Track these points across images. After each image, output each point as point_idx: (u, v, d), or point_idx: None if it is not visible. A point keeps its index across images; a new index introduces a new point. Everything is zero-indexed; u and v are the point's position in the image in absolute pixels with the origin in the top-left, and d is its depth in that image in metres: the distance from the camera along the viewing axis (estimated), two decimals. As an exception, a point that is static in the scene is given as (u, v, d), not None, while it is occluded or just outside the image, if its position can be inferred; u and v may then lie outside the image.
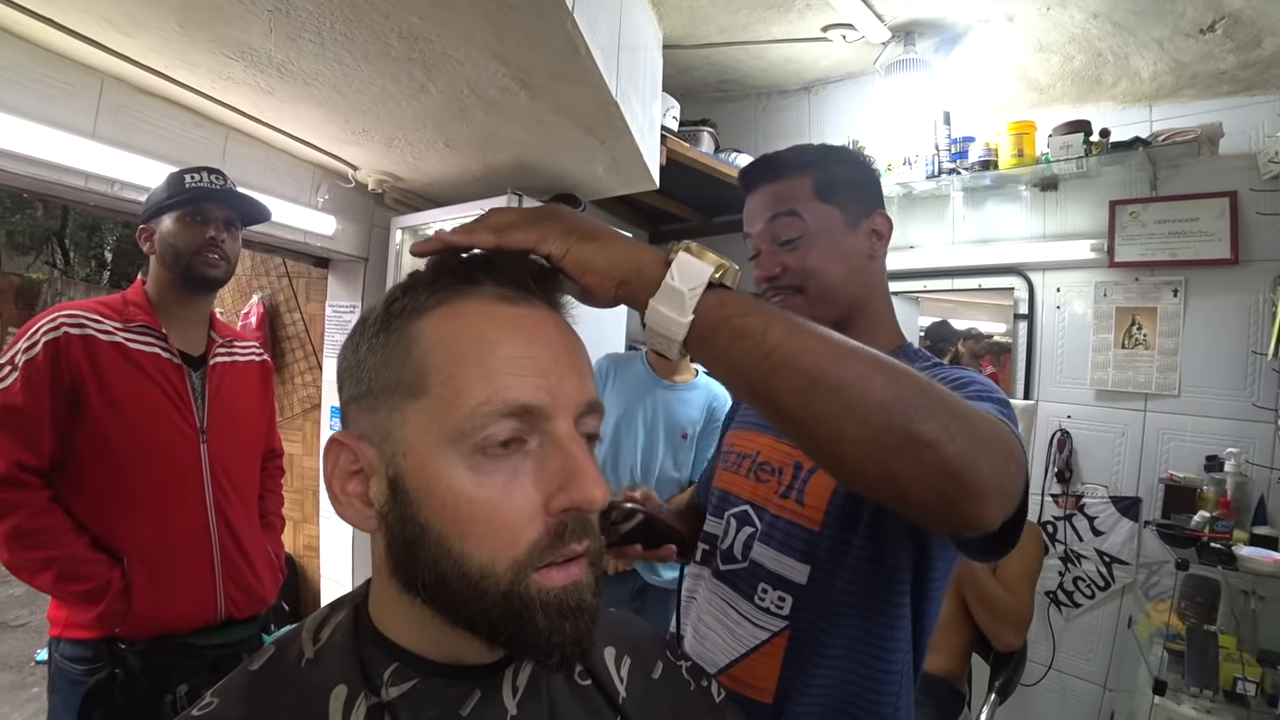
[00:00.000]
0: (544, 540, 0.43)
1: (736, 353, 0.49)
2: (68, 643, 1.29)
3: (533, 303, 0.49)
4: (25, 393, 1.23)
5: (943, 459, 0.46)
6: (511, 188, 2.13)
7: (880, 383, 0.46)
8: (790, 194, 0.87)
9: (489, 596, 0.42)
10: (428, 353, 0.44)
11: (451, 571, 0.42)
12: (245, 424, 1.52)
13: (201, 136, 1.90)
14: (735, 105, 3.12)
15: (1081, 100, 2.34)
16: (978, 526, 0.50)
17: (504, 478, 0.43)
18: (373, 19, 1.33)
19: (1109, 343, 2.27)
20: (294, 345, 3.07)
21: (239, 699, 0.45)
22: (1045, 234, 2.42)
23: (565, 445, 0.44)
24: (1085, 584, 2.29)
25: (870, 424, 0.46)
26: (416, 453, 0.43)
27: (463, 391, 0.43)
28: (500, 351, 0.44)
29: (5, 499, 1.21)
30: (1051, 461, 2.35)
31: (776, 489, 0.87)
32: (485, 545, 0.42)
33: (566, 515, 0.44)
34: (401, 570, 0.45)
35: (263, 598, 1.49)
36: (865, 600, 0.80)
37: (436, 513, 0.43)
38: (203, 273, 1.40)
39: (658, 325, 0.51)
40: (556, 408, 0.44)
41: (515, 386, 0.43)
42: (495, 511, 0.42)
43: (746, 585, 0.87)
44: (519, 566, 0.42)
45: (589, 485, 0.43)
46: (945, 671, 1.70)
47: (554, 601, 0.43)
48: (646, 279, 0.51)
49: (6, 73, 1.48)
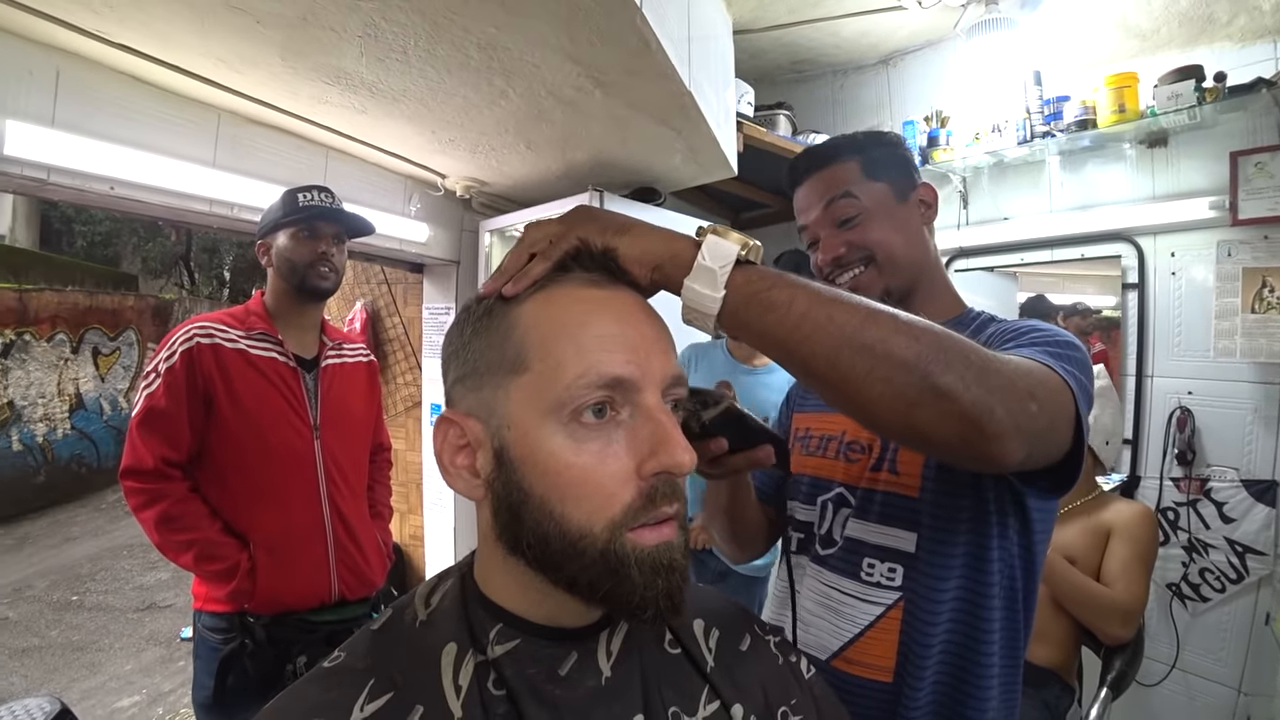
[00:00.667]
0: (637, 503, 0.47)
1: (768, 323, 0.54)
2: (207, 614, 1.45)
3: (619, 286, 0.53)
4: (167, 396, 1.39)
5: (960, 407, 0.52)
6: (592, 184, 2.18)
7: (901, 343, 0.52)
8: (841, 178, 0.91)
9: (587, 555, 0.46)
10: (527, 334, 0.49)
11: (553, 532, 0.47)
12: (355, 420, 1.65)
13: (305, 157, 2.05)
14: (810, 85, 3.06)
15: (1191, 43, 2.13)
16: (999, 464, 0.56)
17: (599, 445, 0.47)
18: (453, 34, 1.40)
19: (1235, 308, 2.05)
20: (395, 347, 3.27)
21: (363, 653, 0.50)
22: (1155, 194, 2.22)
23: (654, 414, 0.48)
24: (1214, 576, 2.09)
25: (893, 382, 0.51)
26: (519, 424, 0.48)
27: (560, 367, 0.47)
28: (592, 330, 0.48)
29: (154, 488, 1.38)
30: (1171, 442, 2.17)
31: (867, 465, 0.88)
32: (583, 507, 0.46)
33: (657, 479, 0.47)
34: (507, 534, 0.49)
35: (372, 581, 1.61)
36: (970, 560, 0.80)
37: (539, 478, 0.47)
38: (315, 284, 1.53)
39: (693, 302, 0.56)
40: (645, 380, 0.48)
41: (607, 361, 0.47)
42: (592, 476, 0.46)
43: (849, 564, 0.87)
44: (614, 526, 0.46)
45: (677, 450, 0.47)
46: (1051, 663, 1.61)
47: (647, 559, 0.47)
48: (680, 261, 0.55)
49: (139, 115, 1.66)
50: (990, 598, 0.80)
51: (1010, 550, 0.81)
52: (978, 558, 0.80)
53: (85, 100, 1.57)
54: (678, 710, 0.53)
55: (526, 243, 0.56)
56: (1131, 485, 2.25)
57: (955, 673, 0.80)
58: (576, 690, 0.50)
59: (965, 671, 0.79)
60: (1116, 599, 1.55)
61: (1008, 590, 0.81)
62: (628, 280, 0.55)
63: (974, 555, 0.80)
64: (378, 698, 0.46)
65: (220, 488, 1.45)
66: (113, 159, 1.59)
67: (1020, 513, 0.80)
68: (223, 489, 1.45)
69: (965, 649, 0.80)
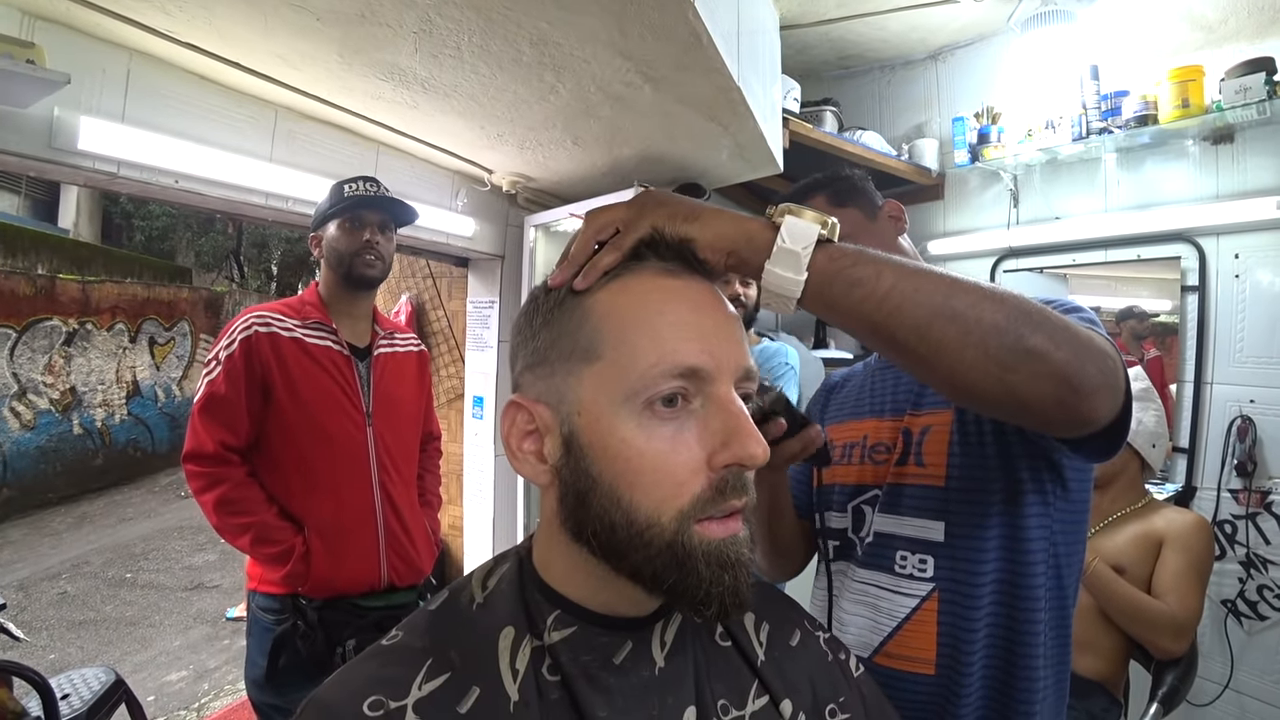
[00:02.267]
0: (706, 494, 0.46)
1: (854, 300, 0.54)
2: (262, 595, 1.49)
3: (693, 275, 0.53)
4: (227, 383, 1.44)
5: (1054, 367, 0.52)
6: (638, 180, 2.19)
7: (990, 309, 0.52)
8: None
9: (654, 545, 0.46)
10: (601, 322, 0.49)
11: (620, 520, 0.46)
12: (406, 409, 1.68)
13: (356, 152, 2.11)
14: (857, 81, 3.02)
15: (1262, 34, 2.05)
16: (1093, 421, 0.57)
17: (671, 433, 0.47)
18: (506, 29, 1.42)
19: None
20: (439, 340, 3.33)
21: (420, 633, 0.51)
22: (1219, 193, 2.14)
23: (727, 405, 0.48)
24: (1273, 594, 2.01)
25: (987, 346, 0.52)
26: (591, 410, 0.48)
27: (635, 355, 0.47)
28: (667, 319, 0.48)
29: (214, 472, 1.43)
30: (1230, 453, 2.08)
31: (893, 461, 0.88)
32: (652, 495, 0.46)
33: (728, 471, 0.47)
34: (572, 520, 0.49)
35: (420, 569, 1.63)
36: (1006, 542, 0.79)
37: (608, 465, 0.47)
38: (362, 273, 1.56)
39: (775, 286, 0.55)
40: (719, 370, 0.48)
41: (682, 350, 0.47)
42: (663, 463, 0.46)
43: (882, 558, 0.86)
44: (682, 517, 0.46)
45: (750, 442, 0.46)
46: (1099, 675, 1.55)
47: (715, 552, 0.46)
48: (757, 245, 0.55)
49: (203, 111, 1.73)
50: (1033, 576, 0.78)
51: (1051, 521, 0.80)
52: (1014, 538, 0.79)
53: (153, 97, 1.63)
54: (727, 703, 0.53)
55: (592, 229, 0.55)
56: (1187, 495, 2.17)
57: (1003, 662, 0.79)
58: (630, 679, 0.50)
59: (1013, 656, 0.78)
60: (1169, 612, 1.50)
61: (1053, 565, 0.80)
62: (701, 268, 0.54)
63: (1010, 536, 0.79)
64: (435, 677, 0.47)
65: (276, 473, 1.49)
66: (178, 154, 1.66)
67: (1058, 479, 0.79)
68: (279, 474, 1.49)
69: (1012, 634, 0.79)
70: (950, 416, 0.83)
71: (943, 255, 2.86)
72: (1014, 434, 0.79)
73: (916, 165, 2.75)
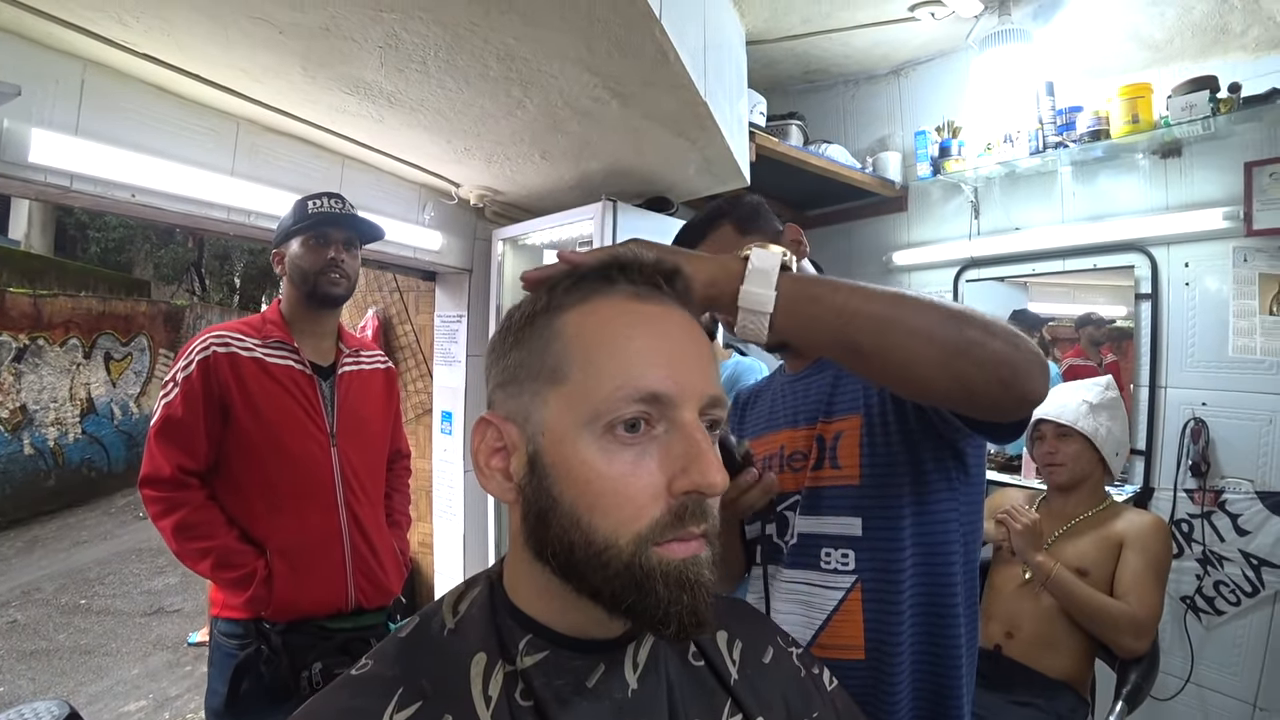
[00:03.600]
0: (665, 519, 0.46)
1: (816, 314, 0.64)
2: (224, 621, 1.45)
3: (664, 300, 0.53)
4: (184, 406, 1.40)
5: (991, 353, 0.61)
6: (605, 194, 2.19)
7: (930, 311, 0.62)
8: (725, 242, 0.99)
9: (611, 566, 0.46)
10: (569, 344, 0.49)
11: (579, 540, 0.47)
12: (372, 428, 1.65)
13: (321, 166, 2.07)
14: (822, 95, 3.07)
15: (1205, 54, 2.14)
16: (1034, 398, 0.64)
17: (632, 457, 0.47)
18: (472, 44, 1.42)
19: (1254, 308, 2.04)
20: (406, 355, 3.28)
21: (391, 661, 0.50)
22: (1169, 205, 2.22)
23: (689, 432, 0.48)
24: (1229, 589, 2.08)
25: (933, 343, 0.61)
26: (555, 431, 0.48)
27: (599, 378, 0.47)
28: (634, 344, 0.49)
29: (172, 497, 1.39)
30: (1185, 454, 2.15)
31: (810, 466, 0.94)
32: (611, 518, 0.46)
33: (687, 497, 0.47)
34: (534, 539, 0.49)
35: (389, 589, 1.60)
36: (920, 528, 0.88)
37: (569, 486, 0.47)
38: (326, 290, 1.53)
39: (751, 303, 0.63)
40: (682, 397, 0.48)
41: (647, 375, 0.47)
42: (622, 487, 0.46)
43: (808, 557, 0.92)
44: (640, 540, 0.46)
45: (710, 470, 0.46)
46: (1065, 675, 1.59)
47: (674, 573, 0.46)
48: (731, 271, 0.64)
49: (161, 124, 1.69)
50: (950, 555, 0.88)
51: (958, 504, 0.89)
52: (927, 522, 0.88)
53: (109, 109, 1.59)
54: None
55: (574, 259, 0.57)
56: (1145, 497, 2.24)
57: (928, 637, 0.87)
58: (603, 702, 0.50)
59: (938, 631, 0.87)
60: (1130, 611, 1.54)
61: (962, 542, 0.89)
62: (675, 292, 0.55)
63: (923, 521, 0.88)
64: (407, 706, 0.46)
65: (237, 495, 1.45)
66: (134, 167, 1.61)
67: (961, 465, 0.89)
68: (240, 497, 1.45)
69: (934, 611, 0.87)
70: (860, 420, 0.90)
71: (907, 265, 2.92)
72: (919, 429, 0.87)
73: (880, 178, 2.80)
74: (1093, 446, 1.70)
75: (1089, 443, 1.70)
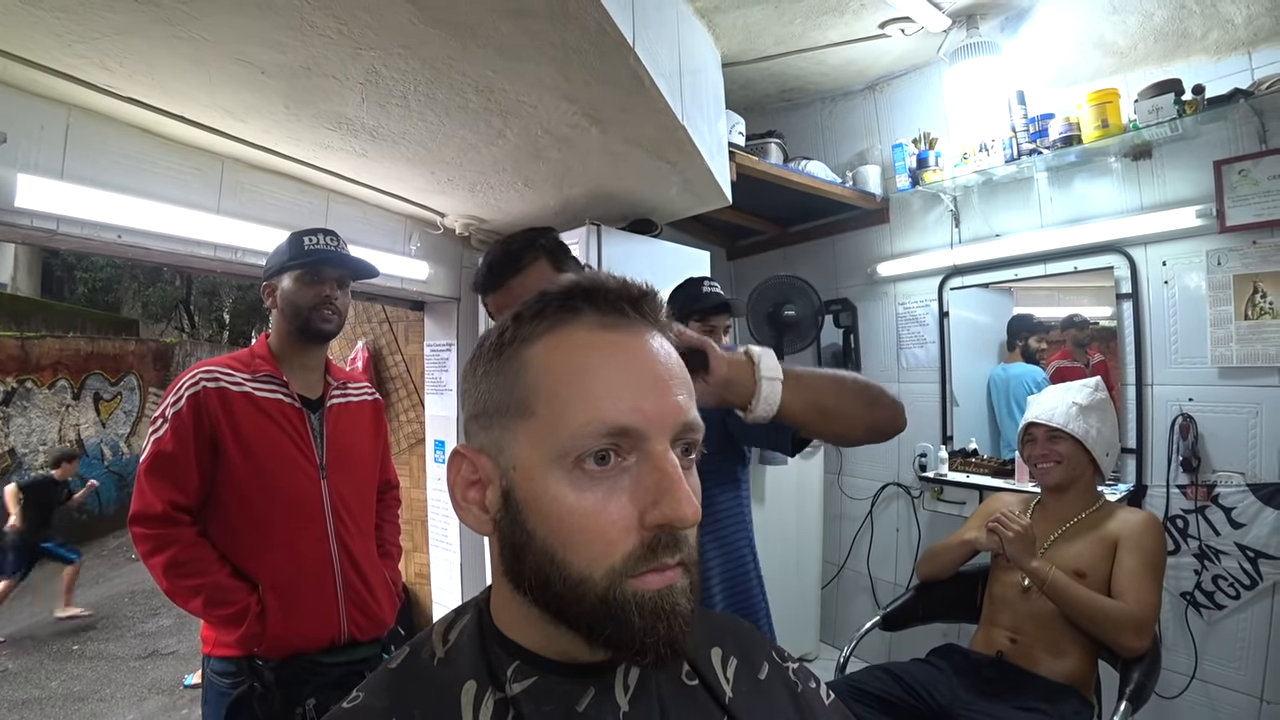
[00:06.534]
0: (639, 551, 0.46)
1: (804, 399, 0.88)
2: (216, 659, 1.42)
3: (633, 328, 0.51)
4: (175, 441, 1.39)
5: (889, 403, 0.95)
6: (589, 219, 2.21)
7: (852, 383, 0.94)
8: (538, 275, 1.14)
9: (586, 600, 0.46)
10: (536, 377, 0.48)
11: (554, 575, 0.46)
12: (361, 460, 1.64)
13: (306, 200, 2.09)
14: (800, 113, 3.13)
15: (1168, 58, 2.19)
16: (903, 427, 0.98)
17: (602, 492, 0.46)
18: (451, 78, 1.44)
19: (1229, 315, 2.08)
20: (397, 385, 3.27)
21: (382, 693, 0.50)
22: (1143, 205, 2.26)
23: (660, 464, 0.47)
24: (1227, 583, 2.08)
25: (862, 402, 0.94)
26: (525, 466, 0.48)
27: (565, 414, 0.46)
28: (599, 377, 0.47)
29: (162, 534, 1.37)
30: (1175, 450, 2.17)
31: None
32: (584, 553, 0.46)
33: (660, 530, 0.46)
34: (511, 572, 0.49)
35: (383, 621, 1.58)
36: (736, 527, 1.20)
37: (541, 521, 0.47)
38: (319, 327, 1.53)
39: (767, 407, 0.85)
40: (652, 428, 0.47)
41: (613, 410, 0.46)
42: (593, 522, 0.46)
43: None
44: (614, 574, 0.45)
45: (681, 504, 0.46)
46: (1069, 678, 1.58)
47: (649, 603, 0.46)
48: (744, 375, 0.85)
49: (146, 165, 1.70)
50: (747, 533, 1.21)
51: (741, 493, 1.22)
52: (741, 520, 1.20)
53: (94, 152, 1.60)
54: None
55: None
56: (1138, 494, 2.25)
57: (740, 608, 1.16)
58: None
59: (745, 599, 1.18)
60: (1128, 610, 1.53)
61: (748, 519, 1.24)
62: (644, 318, 0.52)
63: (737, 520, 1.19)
64: None
65: (228, 530, 1.43)
66: (120, 208, 1.62)
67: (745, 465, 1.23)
68: (230, 532, 1.43)
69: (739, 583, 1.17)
70: None
71: (892, 276, 2.96)
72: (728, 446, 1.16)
73: (861, 191, 2.85)
74: (1083, 448, 1.71)
75: (1079, 444, 1.71)
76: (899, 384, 3.01)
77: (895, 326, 3.01)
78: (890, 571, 3.03)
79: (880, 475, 3.05)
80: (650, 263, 2.31)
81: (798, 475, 2.93)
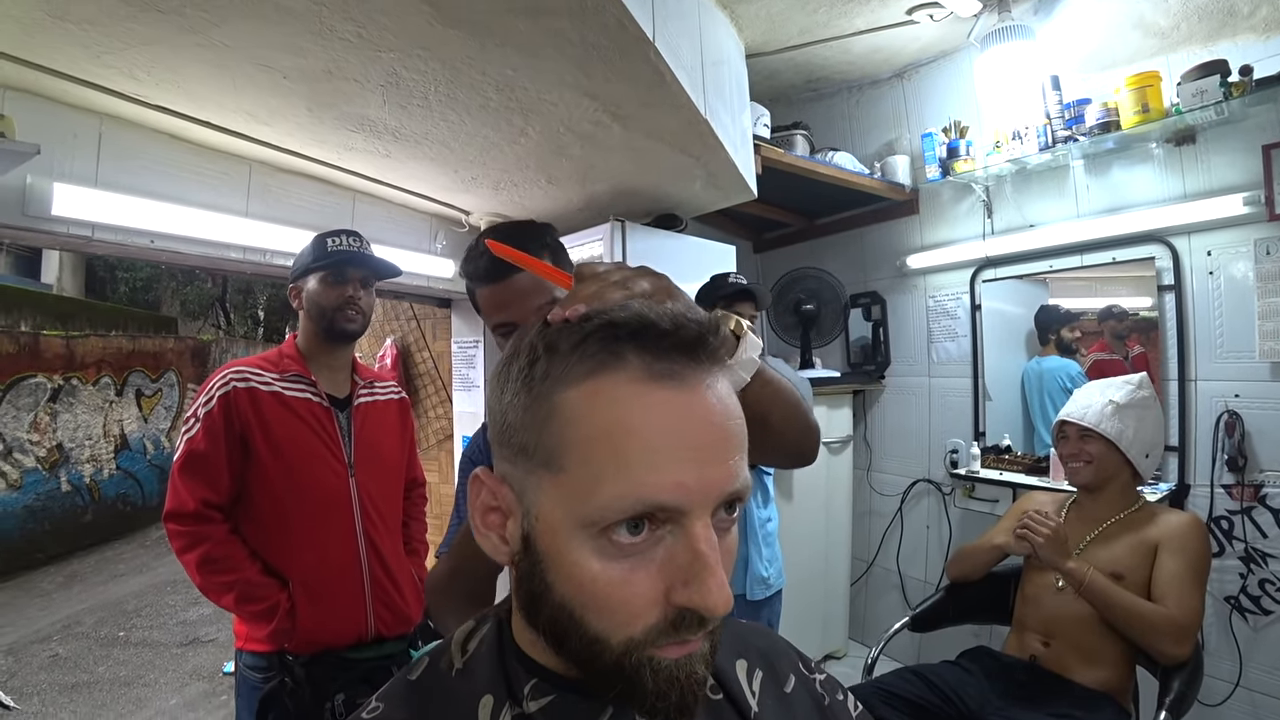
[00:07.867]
0: (661, 625, 0.43)
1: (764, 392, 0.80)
2: (248, 654, 1.46)
3: (685, 378, 0.44)
4: (207, 440, 1.42)
5: (814, 428, 0.95)
6: (613, 215, 2.19)
7: (801, 401, 0.88)
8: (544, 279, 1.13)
9: (601, 659, 0.44)
10: (566, 429, 0.44)
11: (571, 631, 0.44)
12: (388, 457, 1.66)
13: (332, 202, 2.11)
14: (826, 103, 3.07)
15: (1213, 38, 2.09)
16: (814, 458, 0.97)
17: (629, 565, 0.43)
18: (471, 77, 1.44)
19: (1278, 307, 1.99)
20: (425, 381, 3.31)
21: (400, 703, 0.50)
22: (1186, 193, 2.17)
23: (696, 544, 0.43)
24: (1275, 587, 2.00)
25: (796, 427, 0.89)
26: (548, 521, 0.45)
27: (598, 480, 0.42)
28: (639, 441, 0.42)
29: (196, 531, 1.41)
30: (1220, 448, 2.09)
31: None
32: (603, 620, 0.43)
33: (686, 610, 0.43)
34: (526, 611, 0.48)
35: (409, 617, 1.60)
36: None
37: (561, 581, 0.44)
38: (343, 327, 1.56)
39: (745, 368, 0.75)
40: (693, 503, 0.43)
41: (652, 484, 0.41)
42: (617, 594, 0.43)
43: None
44: (632, 644, 0.43)
45: (711, 592, 0.42)
46: (1105, 686, 1.53)
47: (665, 671, 0.44)
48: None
49: (176, 171, 1.74)
50: None
51: None
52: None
53: (125, 159, 1.64)
54: None
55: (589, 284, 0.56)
56: (1180, 494, 2.17)
57: None
58: None
59: None
60: (1169, 615, 1.48)
61: None
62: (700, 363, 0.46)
63: None
64: None
65: (258, 528, 1.47)
66: (152, 214, 1.66)
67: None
68: (261, 529, 1.47)
69: None
70: None
71: (922, 269, 2.89)
72: None
73: (890, 182, 2.78)
74: (1116, 448, 1.65)
75: (1112, 445, 1.65)
76: (930, 379, 2.95)
77: (926, 320, 2.95)
78: (920, 569, 2.98)
79: (910, 472, 3.00)
80: (675, 258, 2.29)
81: (826, 471, 2.89)
